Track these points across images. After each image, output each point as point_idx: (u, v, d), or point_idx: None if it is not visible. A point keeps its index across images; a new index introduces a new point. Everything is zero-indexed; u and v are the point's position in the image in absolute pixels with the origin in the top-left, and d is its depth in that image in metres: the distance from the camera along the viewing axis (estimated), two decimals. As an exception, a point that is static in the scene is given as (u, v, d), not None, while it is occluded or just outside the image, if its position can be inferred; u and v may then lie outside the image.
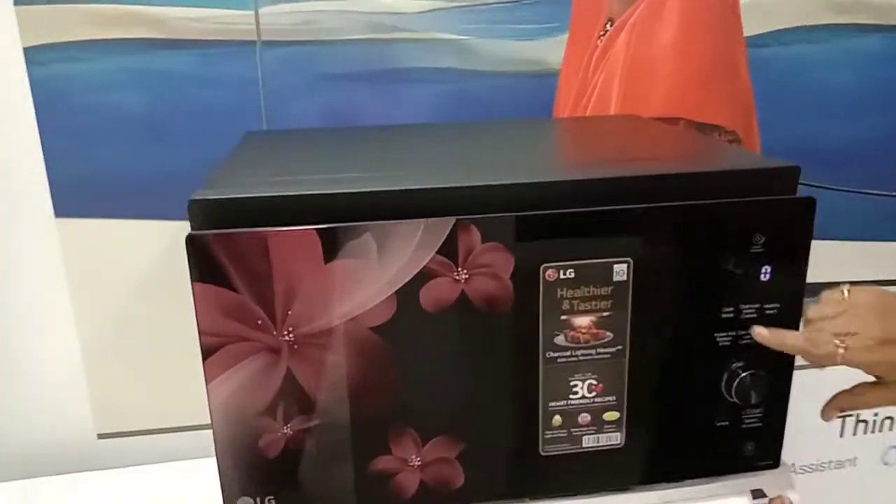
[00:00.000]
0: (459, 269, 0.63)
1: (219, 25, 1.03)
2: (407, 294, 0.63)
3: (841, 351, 0.62)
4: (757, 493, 0.75)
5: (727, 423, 0.72)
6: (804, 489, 1.32)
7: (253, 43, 1.03)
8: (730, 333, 0.69)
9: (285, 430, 0.66)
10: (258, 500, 0.67)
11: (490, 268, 0.64)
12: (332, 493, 0.68)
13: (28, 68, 1.00)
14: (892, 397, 0.65)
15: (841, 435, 1.39)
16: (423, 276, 0.63)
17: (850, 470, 1.40)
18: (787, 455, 0.75)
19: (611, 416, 0.70)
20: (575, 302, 0.66)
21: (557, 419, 0.69)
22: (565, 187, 0.65)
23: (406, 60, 1.07)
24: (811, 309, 0.65)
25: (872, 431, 1.39)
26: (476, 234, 0.63)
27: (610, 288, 0.66)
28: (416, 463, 0.68)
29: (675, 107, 1.14)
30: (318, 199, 0.62)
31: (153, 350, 1.07)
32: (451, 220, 0.62)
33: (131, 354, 1.07)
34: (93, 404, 1.10)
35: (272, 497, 0.67)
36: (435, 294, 0.64)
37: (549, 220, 0.64)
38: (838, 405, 0.69)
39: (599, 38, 1.12)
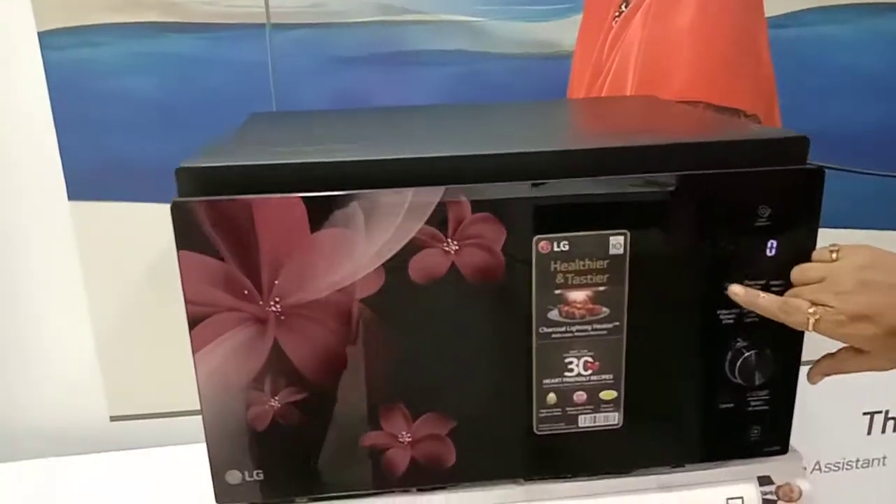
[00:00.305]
0: (449, 240, 0.62)
1: (229, 9, 1.03)
2: (396, 265, 0.62)
3: (812, 321, 0.60)
4: (764, 480, 0.72)
5: (731, 405, 0.69)
6: (829, 489, 1.27)
7: (262, 26, 1.03)
8: (733, 311, 0.66)
9: (273, 403, 0.65)
10: (246, 473, 0.67)
11: (481, 239, 0.62)
12: (321, 468, 0.67)
13: (43, 53, 1.01)
14: (872, 364, 0.62)
15: (869, 432, 1.34)
16: (412, 248, 0.62)
17: (879, 469, 1.34)
18: (811, 452, 0.72)
19: (608, 394, 0.68)
20: (569, 275, 0.64)
21: (552, 397, 0.67)
22: (559, 157, 0.63)
23: (416, 43, 1.06)
24: (795, 269, 0.63)
25: (903, 429, 1.34)
26: (466, 205, 0.61)
27: (606, 261, 0.64)
28: (407, 439, 0.67)
29: (693, 90, 1.11)
30: (304, 167, 0.61)
31: (165, 334, 1.07)
32: (441, 190, 0.61)
33: (144, 338, 1.08)
34: (106, 388, 1.11)
35: (260, 470, 0.67)
36: (424, 266, 0.62)
37: (542, 189, 0.62)
38: (822, 370, 0.66)
39: (614, 19, 1.10)
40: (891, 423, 1.32)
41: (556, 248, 0.63)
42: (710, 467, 0.72)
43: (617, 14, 1.10)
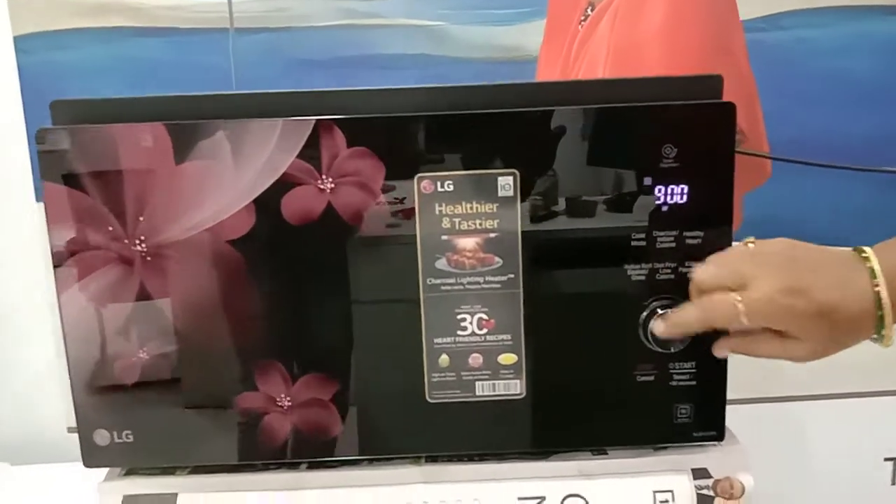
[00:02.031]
0: (324, 176, 0.58)
1: (192, 13, 1.05)
2: (267, 203, 0.58)
3: (741, 308, 0.53)
4: (700, 473, 0.63)
5: (651, 377, 0.61)
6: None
7: (226, 30, 1.05)
8: (644, 265, 0.59)
9: (141, 355, 0.61)
10: (115, 434, 0.62)
11: (358, 176, 0.58)
12: (194, 431, 0.62)
13: (17, 56, 1.04)
14: (790, 350, 0.55)
15: (893, 482, 1.19)
16: (285, 184, 0.58)
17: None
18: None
19: (507, 358, 0.61)
20: (456, 220, 0.59)
21: (444, 359, 0.61)
22: (443, 93, 0.59)
23: (379, 47, 1.05)
24: (699, 271, 0.56)
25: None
26: (340, 137, 0.58)
27: (495, 204, 0.59)
28: (286, 403, 0.62)
29: (668, 98, 1.06)
30: (173, 100, 0.59)
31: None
32: (312, 120, 0.57)
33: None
34: (63, 399, 1.09)
35: (129, 431, 0.62)
36: (298, 204, 0.58)
37: (422, 122, 0.58)
38: (731, 345, 0.58)
39: (580, 23, 1.07)
40: (917, 471, 1.17)
41: (439, 189, 0.58)
42: (638, 455, 0.64)
43: (583, 18, 1.08)
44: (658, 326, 0.58)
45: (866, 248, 0.54)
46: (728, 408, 0.63)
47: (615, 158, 0.59)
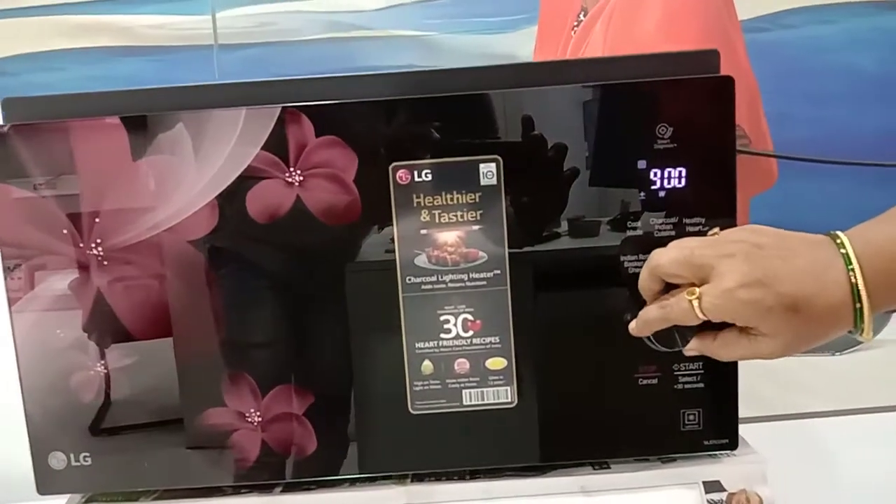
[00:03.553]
0: (291, 168, 0.54)
1: (177, 31, 1.03)
2: (231, 200, 0.54)
3: (696, 303, 0.48)
4: (712, 486, 0.57)
5: (653, 380, 0.56)
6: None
7: (210, 47, 1.03)
8: (642, 256, 0.54)
9: (99, 368, 0.56)
10: (72, 456, 0.57)
11: (328, 168, 0.54)
12: (157, 452, 0.57)
13: (1, 79, 1.03)
14: (760, 348, 0.49)
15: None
16: (249, 178, 0.54)
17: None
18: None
19: (495, 363, 0.56)
20: (436, 212, 0.54)
21: (427, 365, 0.56)
22: (416, 77, 0.55)
23: (365, 59, 1.03)
24: (657, 252, 0.51)
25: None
26: (308, 126, 0.54)
27: (477, 194, 0.54)
28: (256, 419, 0.57)
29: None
30: (130, 94, 0.55)
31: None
32: (277, 108, 0.54)
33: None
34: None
35: (87, 454, 0.57)
36: (264, 200, 0.54)
37: (397, 107, 0.54)
38: (698, 347, 0.51)
39: (573, 29, 1.04)
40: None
41: (416, 178, 0.54)
42: (643, 468, 0.58)
43: (575, 24, 1.05)
44: (631, 326, 0.53)
45: (840, 233, 0.48)
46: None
47: (605, 140, 0.54)
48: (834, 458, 1.04)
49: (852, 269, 0.47)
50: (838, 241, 0.48)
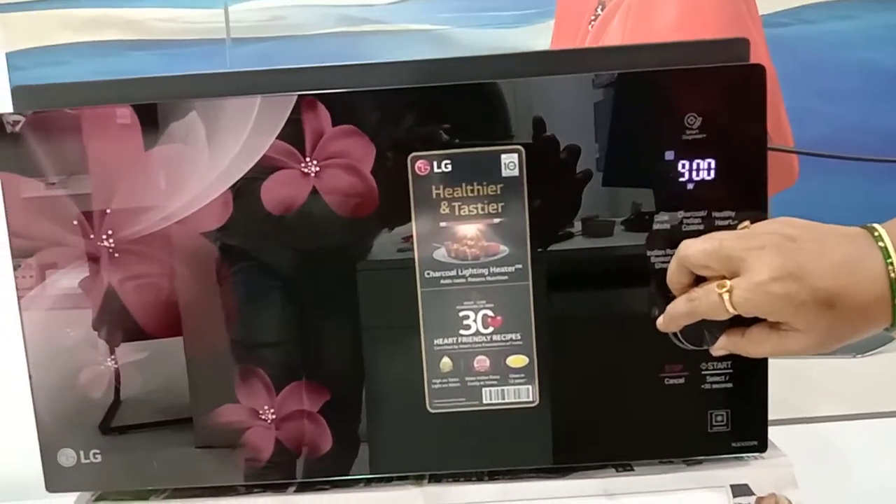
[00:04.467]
0: (307, 158, 0.52)
1: (188, 25, 1.02)
2: (245, 191, 0.53)
3: (726, 297, 0.46)
4: (740, 490, 0.55)
5: (681, 379, 0.54)
6: None
7: (223, 41, 1.01)
8: (669, 251, 0.53)
9: (110, 363, 0.55)
10: (82, 454, 0.55)
11: (345, 158, 0.52)
12: (167, 451, 0.55)
13: (9, 73, 1.01)
14: (792, 344, 0.47)
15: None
16: (264, 168, 0.53)
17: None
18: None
19: (517, 360, 0.54)
20: (455, 204, 0.53)
21: (447, 363, 0.54)
22: (441, 67, 0.54)
23: (377, 53, 1.02)
24: (685, 243, 0.49)
25: None
26: (325, 115, 0.52)
27: (499, 185, 0.53)
28: (270, 416, 0.55)
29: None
30: (143, 83, 0.54)
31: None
32: (294, 96, 0.52)
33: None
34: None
35: (98, 451, 0.55)
36: (279, 191, 0.53)
37: (416, 95, 0.52)
38: (727, 346, 0.50)
39: (590, 23, 1.02)
40: None
41: (436, 169, 0.52)
42: (668, 470, 0.56)
43: (593, 18, 1.03)
44: (659, 321, 0.51)
45: (877, 226, 0.47)
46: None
47: (632, 131, 0.53)
48: (853, 461, 1.02)
49: (891, 263, 0.45)
50: (876, 233, 0.46)
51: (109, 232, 0.53)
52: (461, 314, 0.54)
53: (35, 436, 0.55)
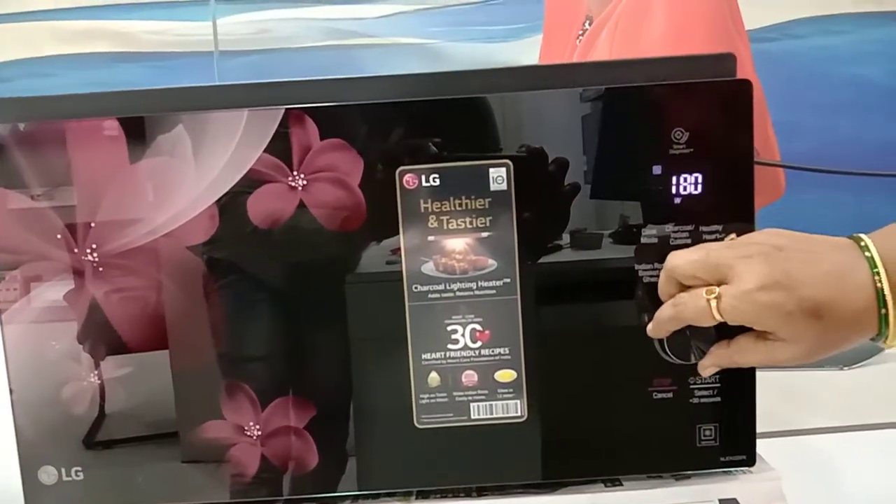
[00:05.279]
0: (295, 172, 0.52)
1: (177, 38, 1.01)
2: (231, 204, 0.52)
3: (714, 303, 0.46)
4: (729, 504, 0.55)
5: (669, 393, 0.54)
6: None
7: (211, 54, 1.01)
8: (657, 266, 0.53)
9: (93, 379, 0.54)
10: (63, 471, 0.55)
11: (333, 172, 0.52)
12: (152, 466, 0.55)
13: (-7, 85, 1.01)
14: (779, 354, 0.47)
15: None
16: (251, 182, 0.52)
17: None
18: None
19: (505, 375, 0.54)
20: (444, 218, 0.53)
21: (434, 377, 0.54)
22: (428, 81, 0.54)
23: (366, 66, 1.02)
24: (673, 254, 0.49)
25: None
26: (313, 128, 0.52)
27: (487, 199, 0.52)
28: (256, 432, 0.54)
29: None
30: (128, 96, 0.54)
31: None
32: (281, 110, 0.52)
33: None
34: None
35: (79, 468, 0.54)
36: (266, 204, 0.52)
37: (404, 109, 0.52)
38: (715, 361, 0.50)
39: (578, 38, 1.03)
40: None
41: (424, 183, 0.52)
42: (657, 485, 0.56)
43: (581, 32, 1.04)
44: (649, 328, 0.51)
45: (864, 236, 0.47)
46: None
47: (620, 145, 0.53)
48: (841, 473, 1.01)
49: (877, 273, 0.45)
50: (862, 243, 0.46)
51: (94, 245, 0.53)
52: (449, 328, 0.54)
53: (16, 452, 0.54)
